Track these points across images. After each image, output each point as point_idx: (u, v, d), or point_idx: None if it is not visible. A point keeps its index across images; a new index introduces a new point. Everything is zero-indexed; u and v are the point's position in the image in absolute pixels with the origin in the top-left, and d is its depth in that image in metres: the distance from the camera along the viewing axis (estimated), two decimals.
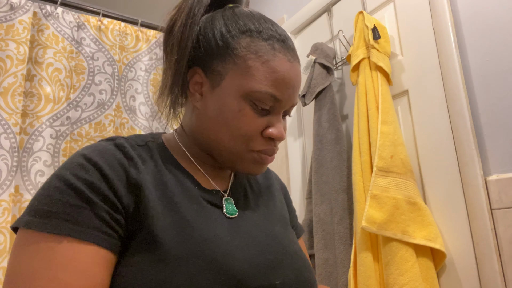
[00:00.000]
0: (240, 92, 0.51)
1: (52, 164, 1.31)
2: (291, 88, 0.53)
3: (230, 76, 0.52)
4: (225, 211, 0.54)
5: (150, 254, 0.44)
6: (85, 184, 0.44)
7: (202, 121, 0.55)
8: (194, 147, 0.59)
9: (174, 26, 0.54)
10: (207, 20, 0.55)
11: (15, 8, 1.34)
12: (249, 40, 0.52)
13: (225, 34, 0.52)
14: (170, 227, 0.46)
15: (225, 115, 0.52)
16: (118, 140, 0.52)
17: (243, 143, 0.53)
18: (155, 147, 0.56)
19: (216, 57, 0.53)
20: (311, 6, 1.59)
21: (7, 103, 1.27)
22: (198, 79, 0.55)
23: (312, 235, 1.30)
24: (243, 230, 0.52)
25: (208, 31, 0.54)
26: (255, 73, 0.51)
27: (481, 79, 1.00)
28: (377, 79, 1.13)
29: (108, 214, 0.44)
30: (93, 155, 0.47)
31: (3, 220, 1.18)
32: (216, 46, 0.53)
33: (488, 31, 0.99)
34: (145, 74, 1.60)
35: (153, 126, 1.58)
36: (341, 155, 1.23)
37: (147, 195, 0.47)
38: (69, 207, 0.43)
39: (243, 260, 0.47)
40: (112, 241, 0.44)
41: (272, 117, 0.54)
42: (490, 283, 0.90)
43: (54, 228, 0.42)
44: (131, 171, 0.48)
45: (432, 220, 1.00)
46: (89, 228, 0.42)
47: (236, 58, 0.51)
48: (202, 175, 0.58)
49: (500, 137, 0.95)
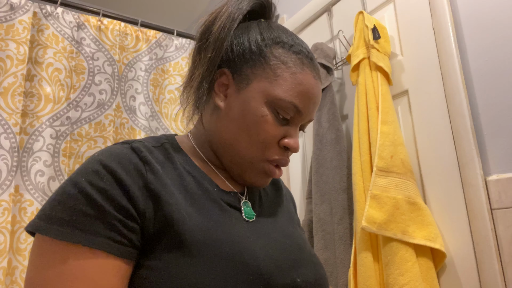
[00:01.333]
0: (265, 98, 0.53)
1: (52, 164, 1.31)
2: (312, 103, 0.55)
3: (258, 81, 0.54)
4: (244, 215, 0.55)
5: (179, 256, 0.44)
6: (99, 192, 0.44)
7: (223, 122, 0.56)
8: (209, 150, 0.60)
9: (213, 26, 0.56)
10: (243, 27, 0.58)
11: (15, 8, 1.34)
12: (281, 50, 0.55)
13: (259, 41, 0.55)
14: (197, 229, 0.46)
15: (247, 119, 0.53)
16: (135, 144, 0.52)
17: (259, 150, 0.54)
18: (171, 148, 0.56)
19: (247, 62, 0.55)
20: (311, 6, 1.59)
21: (7, 103, 1.27)
22: (225, 80, 0.57)
23: (312, 235, 1.30)
24: (262, 231, 0.54)
25: (243, 37, 0.56)
26: (282, 82, 0.53)
27: (481, 79, 1.00)
28: (377, 79, 1.13)
29: (121, 222, 0.44)
30: (109, 161, 0.47)
31: (3, 220, 1.18)
32: (249, 51, 0.55)
33: (488, 31, 0.99)
34: (145, 74, 1.60)
35: (153, 126, 1.58)
36: (341, 155, 1.23)
37: (167, 199, 0.47)
38: (82, 215, 0.43)
39: (268, 260, 0.48)
40: (125, 249, 0.44)
41: (291, 128, 0.56)
42: (490, 283, 0.90)
43: (65, 236, 0.42)
44: (148, 176, 0.48)
45: (432, 220, 1.00)
46: (101, 236, 0.43)
47: (266, 65, 0.54)
48: (218, 177, 0.58)
49: (500, 137, 0.95)
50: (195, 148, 0.60)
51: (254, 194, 0.62)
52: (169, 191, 0.48)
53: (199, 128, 0.61)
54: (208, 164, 0.59)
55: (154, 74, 1.63)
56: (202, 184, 0.53)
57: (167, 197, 0.47)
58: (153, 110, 1.59)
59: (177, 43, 1.72)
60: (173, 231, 0.45)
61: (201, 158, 0.59)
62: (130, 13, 2.45)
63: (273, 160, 0.55)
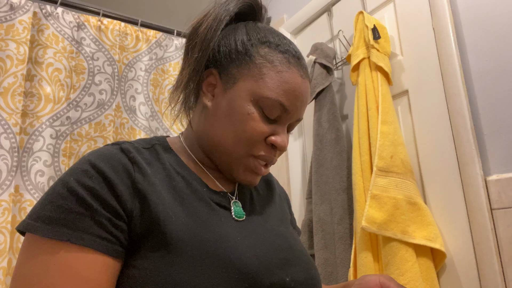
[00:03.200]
0: (251, 96, 0.53)
1: (52, 164, 1.31)
2: (299, 101, 0.56)
3: (244, 80, 0.54)
4: (234, 215, 0.55)
5: (165, 255, 0.44)
6: (87, 191, 0.45)
7: (210, 121, 0.57)
8: (199, 150, 0.60)
9: (199, 27, 0.57)
10: (230, 28, 0.59)
11: (15, 8, 1.34)
12: (267, 50, 0.55)
13: (245, 41, 0.56)
14: (183, 229, 0.47)
15: (233, 116, 0.54)
16: (124, 145, 0.53)
17: (245, 147, 0.54)
18: (162, 149, 0.57)
19: (233, 62, 0.55)
20: (311, 6, 1.59)
21: (7, 103, 1.27)
22: (212, 80, 0.57)
23: (312, 235, 1.30)
24: (252, 230, 0.54)
25: (230, 37, 0.57)
26: (268, 80, 0.53)
27: (481, 79, 1.00)
28: (377, 79, 1.13)
29: (109, 220, 0.44)
30: (98, 161, 0.48)
31: (3, 220, 1.18)
32: (235, 51, 0.56)
33: (488, 31, 0.99)
34: (145, 74, 1.60)
35: (153, 126, 1.58)
36: (341, 155, 1.23)
37: (154, 199, 0.48)
38: (70, 213, 0.43)
39: (255, 259, 0.49)
40: (113, 247, 0.44)
41: (278, 127, 0.56)
42: (490, 283, 0.90)
43: (54, 234, 0.42)
44: (136, 175, 0.49)
45: (432, 220, 1.00)
46: (89, 234, 0.43)
47: (252, 64, 0.54)
48: (209, 177, 0.59)
49: (500, 137, 0.95)
50: (186, 148, 0.61)
51: (245, 194, 0.62)
52: (156, 191, 0.49)
53: (189, 129, 0.62)
54: (198, 164, 0.59)
55: (154, 74, 1.63)
56: (191, 184, 0.54)
57: (154, 197, 0.48)
58: (153, 110, 1.59)
59: (177, 43, 1.72)
60: (159, 231, 0.46)
61: (192, 158, 0.60)
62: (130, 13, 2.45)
63: (259, 156, 0.55)
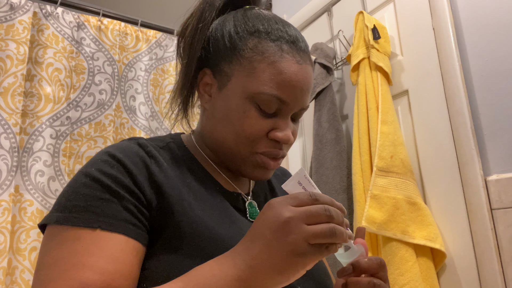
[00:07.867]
0: (245, 93, 0.51)
1: (52, 164, 1.31)
2: (298, 90, 0.51)
3: (236, 77, 0.52)
4: (248, 216, 0.54)
5: (179, 250, 0.44)
6: (111, 178, 0.44)
7: (210, 122, 0.56)
8: (208, 149, 0.59)
9: (186, 30, 0.56)
10: (219, 22, 0.56)
11: (15, 8, 1.34)
12: (256, 41, 0.51)
13: (233, 35, 0.53)
14: (198, 221, 0.46)
15: (230, 116, 0.52)
16: (141, 140, 0.52)
17: (247, 145, 0.52)
18: (176, 148, 0.56)
19: (223, 58, 0.53)
20: (311, 6, 1.59)
21: (7, 103, 1.27)
22: (208, 80, 0.55)
23: None
24: None
25: (218, 33, 0.54)
26: (260, 74, 0.50)
27: (481, 79, 1.00)
28: (377, 79, 1.13)
29: (135, 206, 0.44)
30: (117, 153, 0.48)
31: (3, 220, 1.18)
32: (224, 47, 0.53)
33: (488, 31, 0.99)
34: (145, 74, 1.60)
35: (153, 126, 1.58)
36: (341, 155, 1.23)
37: (170, 193, 0.47)
38: (97, 200, 0.43)
39: None
40: (141, 232, 0.44)
41: (279, 120, 0.52)
42: (490, 283, 0.90)
43: (84, 221, 0.41)
44: (153, 168, 0.49)
45: (432, 220, 1.00)
46: (118, 220, 0.42)
47: (242, 59, 0.51)
48: (222, 177, 0.58)
49: (500, 137, 0.95)
50: (197, 147, 0.60)
51: (260, 195, 0.61)
52: (172, 184, 0.48)
53: (198, 128, 0.61)
54: (211, 164, 0.58)
55: (154, 74, 1.63)
56: (205, 183, 0.53)
57: (170, 189, 0.48)
58: (153, 110, 1.59)
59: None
60: (174, 222, 0.45)
61: (204, 157, 0.59)
62: (130, 13, 2.44)
63: (263, 152, 0.53)
